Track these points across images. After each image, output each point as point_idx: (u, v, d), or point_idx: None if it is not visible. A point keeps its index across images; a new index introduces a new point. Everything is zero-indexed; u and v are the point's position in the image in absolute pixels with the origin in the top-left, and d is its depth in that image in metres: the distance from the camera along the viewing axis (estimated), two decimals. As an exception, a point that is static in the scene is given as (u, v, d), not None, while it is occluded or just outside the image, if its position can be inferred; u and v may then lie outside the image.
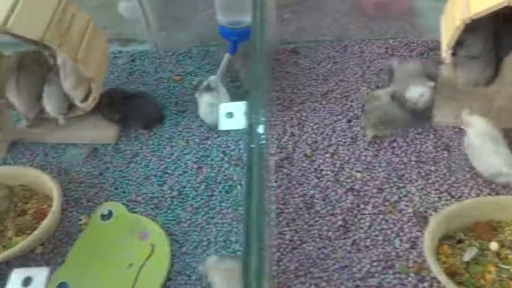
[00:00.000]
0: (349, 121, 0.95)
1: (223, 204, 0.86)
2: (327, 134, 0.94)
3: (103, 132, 0.95)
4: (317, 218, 0.83)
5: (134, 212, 0.85)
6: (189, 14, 1.16)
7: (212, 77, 0.95)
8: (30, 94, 0.91)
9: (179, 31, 1.14)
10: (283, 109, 0.98)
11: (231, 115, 0.63)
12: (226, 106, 0.64)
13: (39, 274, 0.55)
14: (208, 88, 0.93)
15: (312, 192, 0.86)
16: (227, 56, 0.97)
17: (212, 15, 1.15)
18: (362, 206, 0.83)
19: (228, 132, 0.95)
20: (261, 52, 0.59)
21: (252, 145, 0.50)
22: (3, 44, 0.94)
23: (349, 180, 0.87)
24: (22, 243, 0.76)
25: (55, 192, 0.82)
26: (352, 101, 0.99)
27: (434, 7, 1.14)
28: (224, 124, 0.63)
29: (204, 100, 0.93)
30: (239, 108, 0.62)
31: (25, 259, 0.81)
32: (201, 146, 0.94)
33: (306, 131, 0.95)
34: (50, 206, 0.84)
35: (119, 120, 0.95)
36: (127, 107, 0.94)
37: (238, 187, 0.87)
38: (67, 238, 0.83)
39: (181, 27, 1.15)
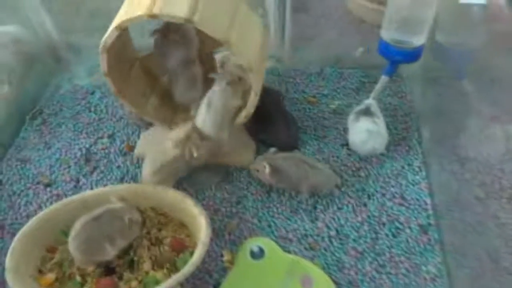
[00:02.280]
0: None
1: (393, 250, 0.72)
2: (496, 176, 0.81)
3: (240, 155, 0.83)
4: (506, 275, 0.69)
5: (286, 251, 0.72)
6: (321, 32, 1.06)
7: (369, 101, 0.83)
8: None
9: (310, 49, 1.04)
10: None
11: None
12: None
13: None
14: (367, 113, 0.81)
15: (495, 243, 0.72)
16: (384, 78, 0.85)
17: (345, 35, 1.05)
18: None
19: (382, 164, 0.82)
20: None
21: None
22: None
23: (541, 233, 0.73)
24: (169, 282, 0.62)
25: (203, 221, 0.68)
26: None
27: None
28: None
29: (361, 126, 0.81)
30: None
31: (160, 299, 0.68)
32: (354, 179, 0.81)
33: (469, 169, 0.82)
34: (187, 236, 0.72)
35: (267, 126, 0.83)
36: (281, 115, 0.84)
37: (407, 230, 0.74)
38: (207, 276, 0.70)
39: (314, 45, 1.04)
